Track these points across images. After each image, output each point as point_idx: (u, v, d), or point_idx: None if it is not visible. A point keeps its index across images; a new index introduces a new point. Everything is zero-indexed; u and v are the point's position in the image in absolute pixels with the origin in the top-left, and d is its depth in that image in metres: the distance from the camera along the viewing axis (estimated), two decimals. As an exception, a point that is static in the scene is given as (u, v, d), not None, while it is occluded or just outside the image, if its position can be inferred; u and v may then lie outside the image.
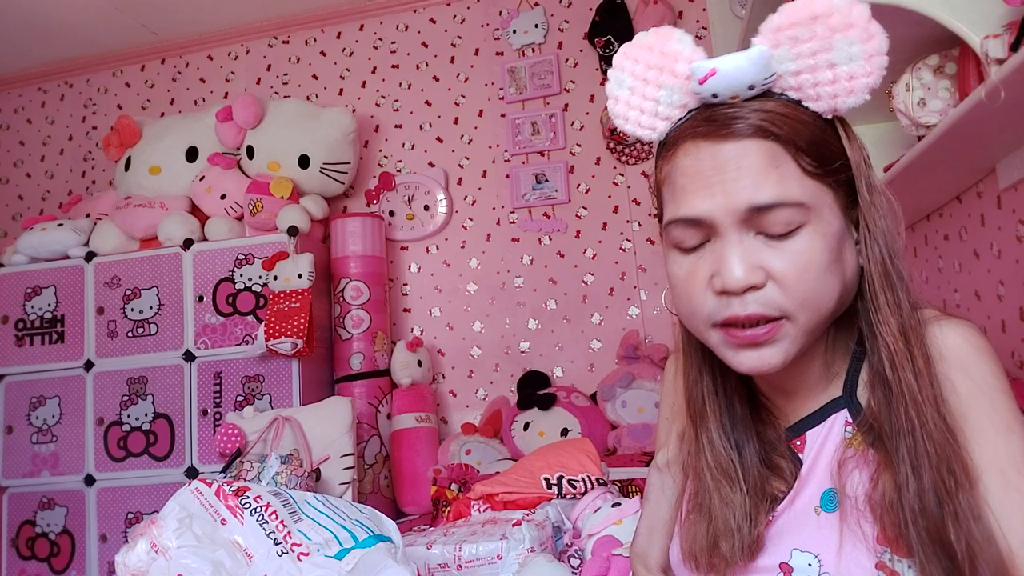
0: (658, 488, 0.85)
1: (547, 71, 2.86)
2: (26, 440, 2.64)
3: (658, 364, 2.51)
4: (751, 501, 0.72)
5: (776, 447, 0.74)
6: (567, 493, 1.82)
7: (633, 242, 2.73)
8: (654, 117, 0.71)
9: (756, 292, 0.65)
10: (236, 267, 2.55)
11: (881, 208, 0.68)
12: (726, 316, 0.66)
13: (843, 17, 0.62)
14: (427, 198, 2.92)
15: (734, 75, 0.65)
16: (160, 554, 1.09)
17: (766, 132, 0.64)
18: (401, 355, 2.67)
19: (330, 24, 3.13)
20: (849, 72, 0.63)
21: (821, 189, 0.66)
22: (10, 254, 2.76)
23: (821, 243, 0.64)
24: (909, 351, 0.65)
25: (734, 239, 0.65)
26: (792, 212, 0.64)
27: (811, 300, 0.65)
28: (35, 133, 3.44)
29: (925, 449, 0.63)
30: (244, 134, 2.70)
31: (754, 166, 0.64)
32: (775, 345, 0.66)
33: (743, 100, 0.66)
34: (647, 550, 0.85)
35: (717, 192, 0.65)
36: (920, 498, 0.62)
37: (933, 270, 1.64)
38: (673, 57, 0.69)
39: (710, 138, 0.66)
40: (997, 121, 1.05)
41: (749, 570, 0.71)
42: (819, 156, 0.65)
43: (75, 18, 3.00)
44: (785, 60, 0.64)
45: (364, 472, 2.48)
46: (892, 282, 0.67)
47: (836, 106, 0.65)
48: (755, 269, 0.64)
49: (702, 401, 0.77)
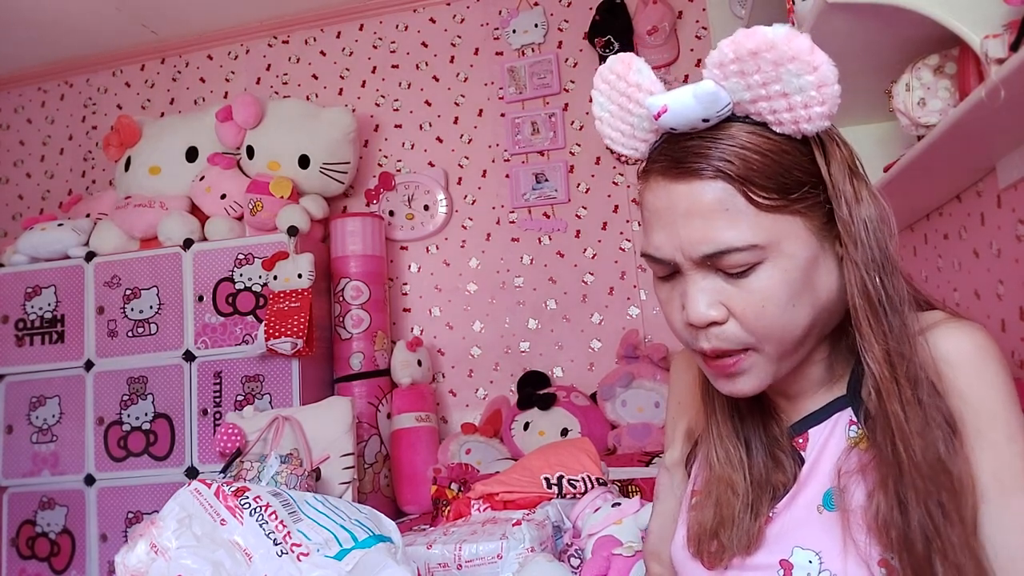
0: (667, 487, 0.86)
1: (547, 71, 2.85)
2: (26, 440, 2.64)
3: (658, 364, 2.51)
4: (753, 492, 0.72)
5: (779, 442, 0.74)
6: (567, 493, 1.81)
7: (633, 242, 2.73)
8: (633, 139, 0.72)
9: (719, 327, 0.66)
10: (236, 267, 2.55)
11: (868, 221, 0.66)
12: (695, 347, 0.69)
13: (783, 51, 0.60)
14: (427, 198, 2.92)
15: (683, 112, 0.65)
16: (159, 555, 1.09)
17: (718, 172, 0.64)
18: (401, 355, 2.67)
19: (330, 24, 3.13)
20: (803, 101, 0.61)
21: (782, 221, 0.64)
22: (10, 254, 2.76)
23: (781, 277, 0.64)
24: (895, 379, 0.64)
25: (695, 277, 0.66)
26: (744, 255, 0.64)
27: (774, 334, 0.66)
28: (35, 133, 3.44)
29: (912, 483, 0.61)
30: (244, 134, 2.70)
31: (703, 210, 0.64)
32: (746, 375, 0.68)
33: (705, 129, 0.65)
34: (660, 548, 0.86)
35: (672, 235, 0.66)
36: (906, 534, 0.61)
37: (933, 269, 1.64)
38: (636, 88, 0.69)
39: (667, 175, 0.67)
40: (997, 121, 1.05)
41: (749, 567, 0.72)
42: (780, 187, 0.64)
43: (75, 18, 2.99)
44: (739, 90, 0.63)
45: (364, 472, 2.48)
46: (875, 307, 0.65)
47: (800, 130, 0.64)
48: (716, 306, 0.66)
49: (712, 393, 0.78)
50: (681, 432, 0.86)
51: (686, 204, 0.65)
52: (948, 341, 0.66)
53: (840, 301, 0.68)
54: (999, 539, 0.62)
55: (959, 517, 0.61)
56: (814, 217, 0.66)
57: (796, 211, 0.65)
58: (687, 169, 0.65)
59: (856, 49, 1.29)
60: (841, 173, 0.66)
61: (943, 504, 0.61)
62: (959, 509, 0.61)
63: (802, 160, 0.66)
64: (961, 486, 0.62)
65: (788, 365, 0.69)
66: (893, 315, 0.65)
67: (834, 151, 0.67)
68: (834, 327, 0.72)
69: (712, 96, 0.63)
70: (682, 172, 0.65)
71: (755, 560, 0.71)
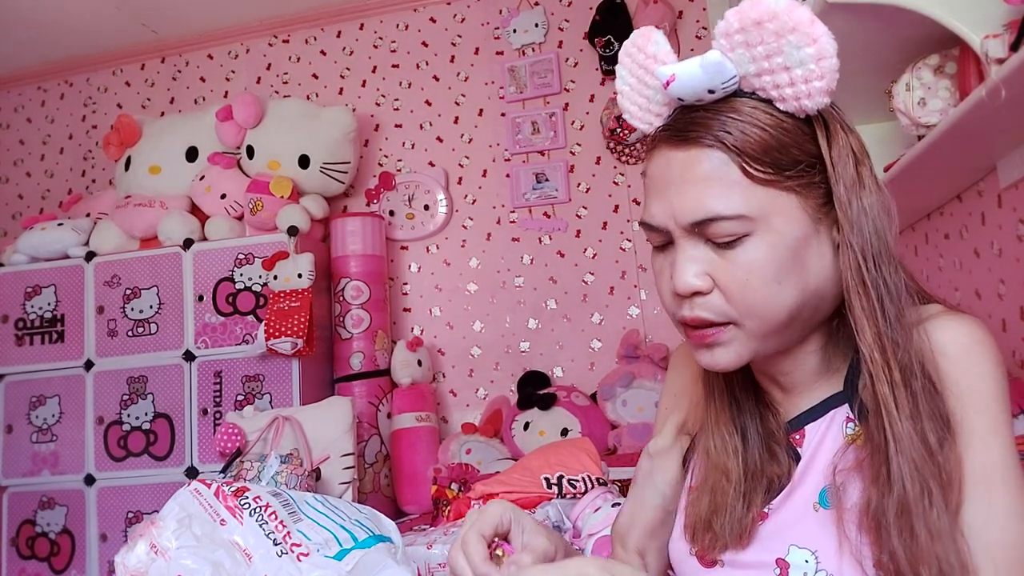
0: (646, 473, 0.85)
1: (547, 70, 2.85)
2: (26, 440, 2.64)
3: (658, 364, 2.51)
4: (747, 483, 0.73)
5: (775, 436, 0.74)
6: (567, 493, 1.81)
7: (633, 242, 2.73)
8: (648, 113, 0.73)
9: (703, 297, 0.67)
10: (236, 267, 2.55)
11: (869, 208, 0.66)
12: (679, 316, 0.70)
13: (784, 21, 0.61)
14: (427, 197, 2.92)
15: (689, 82, 0.66)
16: (159, 555, 1.09)
17: (716, 140, 0.65)
18: (401, 354, 2.67)
19: (330, 23, 3.13)
20: (804, 75, 0.62)
21: (775, 196, 0.65)
22: (10, 254, 2.76)
23: (768, 252, 0.65)
24: (885, 362, 0.64)
25: (685, 245, 0.67)
26: (733, 224, 0.65)
27: (756, 309, 0.66)
28: (35, 132, 3.44)
29: (899, 467, 0.62)
30: (244, 133, 2.70)
31: (697, 177, 0.66)
32: (724, 347, 0.68)
33: (713, 102, 0.67)
34: (627, 531, 0.86)
35: (666, 202, 0.68)
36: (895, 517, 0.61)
37: (934, 269, 1.64)
38: (653, 59, 0.70)
39: (669, 143, 0.68)
40: (997, 120, 1.05)
41: (745, 564, 0.71)
42: (775, 162, 0.65)
43: (75, 17, 2.99)
44: (744, 62, 0.64)
45: (364, 472, 2.48)
46: (868, 289, 0.65)
47: (801, 107, 0.64)
48: (701, 276, 0.67)
49: (713, 383, 0.78)
50: (673, 424, 0.86)
51: (682, 171, 0.66)
52: (944, 332, 0.66)
53: (834, 289, 0.69)
54: (977, 530, 0.62)
55: (944, 505, 0.61)
56: (810, 197, 0.66)
57: (790, 188, 0.65)
58: (687, 137, 0.67)
59: (856, 49, 1.29)
60: (843, 157, 0.67)
61: (930, 490, 0.61)
62: (945, 498, 0.61)
63: (802, 139, 0.66)
64: (949, 480, 0.62)
65: (771, 346, 0.69)
66: (889, 303, 0.65)
67: (837, 134, 0.67)
68: (828, 317, 0.72)
69: (718, 66, 0.64)
70: (682, 140, 0.67)
71: (751, 558, 0.71)
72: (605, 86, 2.81)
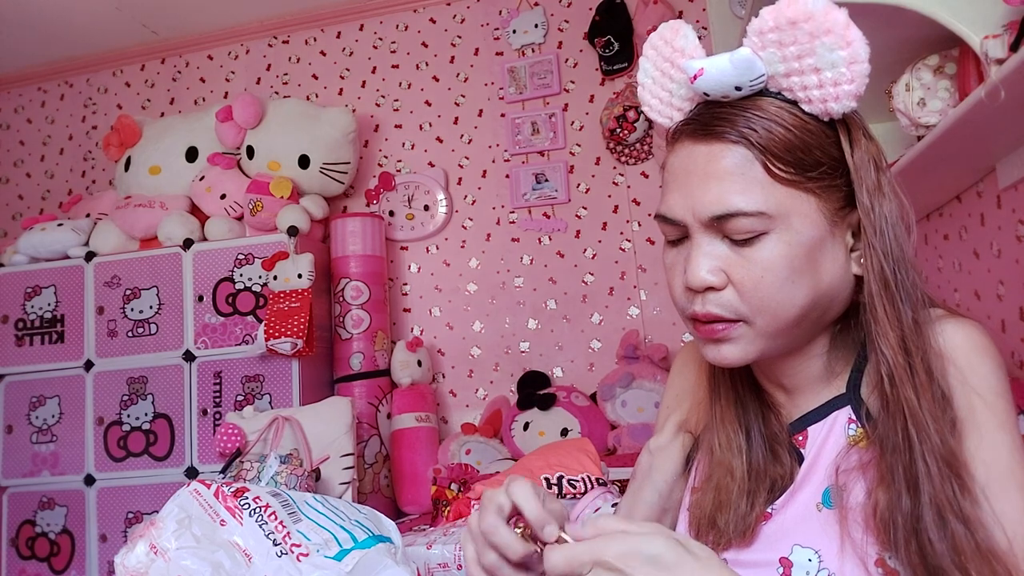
0: (645, 469, 0.86)
1: (547, 71, 2.85)
2: (26, 440, 2.64)
3: (658, 364, 2.51)
4: (751, 481, 0.73)
5: (778, 437, 0.75)
6: (567, 493, 1.81)
7: (633, 242, 2.73)
8: (670, 107, 0.73)
9: (715, 293, 0.67)
10: (236, 267, 2.55)
11: (889, 215, 0.67)
12: (690, 311, 0.70)
13: (820, 22, 0.61)
14: (427, 198, 2.92)
15: (718, 77, 0.66)
16: (159, 555, 1.09)
17: (741, 137, 0.65)
18: (401, 355, 2.67)
19: (330, 24, 3.13)
20: (833, 78, 0.63)
21: (795, 196, 0.65)
22: (10, 254, 2.76)
23: (784, 251, 0.65)
24: (910, 364, 0.64)
25: (702, 240, 0.68)
26: (752, 221, 0.65)
27: (768, 307, 0.66)
28: (35, 133, 3.44)
29: (925, 467, 0.62)
30: (244, 134, 2.70)
31: (720, 172, 0.66)
32: (732, 343, 0.69)
33: (738, 99, 0.67)
34: None
35: (687, 195, 0.68)
36: (916, 518, 0.62)
37: (933, 270, 1.64)
38: (680, 53, 0.71)
39: (692, 137, 0.69)
40: (997, 121, 1.05)
41: (749, 563, 0.72)
42: (798, 162, 0.65)
43: (75, 18, 3.00)
44: (774, 62, 0.64)
45: (364, 472, 2.48)
46: (892, 293, 0.66)
47: (827, 110, 0.65)
48: (716, 272, 0.67)
49: (719, 381, 0.79)
50: (673, 423, 0.86)
51: (704, 165, 0.67)
52: (947, 336, 0.67)
53: (842, 292, 0.69)
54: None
55: (971, 498, 0.61)
56: (829, 200, 0.67)
57: (811, 189, 0.66)
58: (711, 132, 0.67)
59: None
60: (865, 163, 0.67)
61: (955, 489, 0.61)
62: (972, 493, 0.62)
63: (825, 142, 0.67)
64: (971, 477, 0.63)
65: (778, 345, 0.69)
66: (911, 308, 0.66)
67: (860, 140, 0.68)
68: (833, 321, 0.72)
69: (748, 62, 0.64)
70: (706, 134, 0.67)
71: (755, 556, 0.72)
72: (605, 86, 2.81)
